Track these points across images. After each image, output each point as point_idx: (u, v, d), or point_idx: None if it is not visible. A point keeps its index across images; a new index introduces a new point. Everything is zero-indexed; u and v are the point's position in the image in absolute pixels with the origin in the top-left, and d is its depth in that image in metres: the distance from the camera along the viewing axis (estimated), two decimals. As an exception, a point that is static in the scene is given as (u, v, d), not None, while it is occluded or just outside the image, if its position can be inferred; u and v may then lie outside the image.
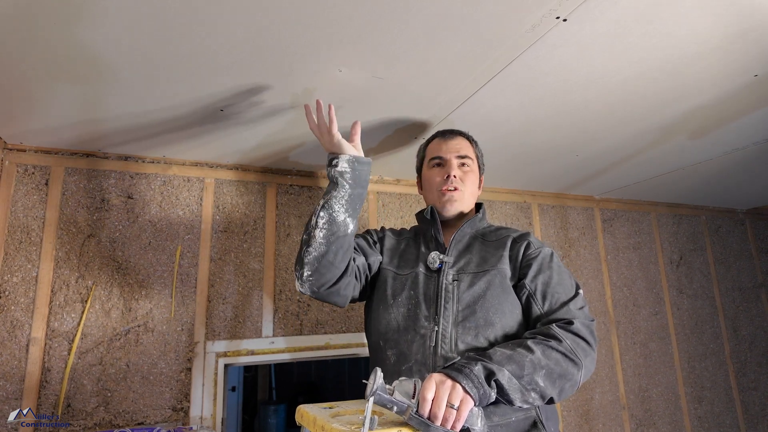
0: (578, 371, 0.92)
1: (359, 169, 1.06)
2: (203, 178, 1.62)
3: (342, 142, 1.06)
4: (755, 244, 2.73)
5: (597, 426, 2.02)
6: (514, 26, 0.92)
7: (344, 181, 1.04)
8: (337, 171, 1.04)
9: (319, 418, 0.86)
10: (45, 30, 0.89)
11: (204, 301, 1.54)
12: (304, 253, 1.05)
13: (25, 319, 1.35)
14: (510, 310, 1.03)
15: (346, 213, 1.04)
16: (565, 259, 2.15)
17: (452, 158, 1.18)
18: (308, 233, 1.06)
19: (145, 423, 1.40)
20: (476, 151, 1.24)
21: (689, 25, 0.95)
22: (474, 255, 1.11)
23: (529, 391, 0.87)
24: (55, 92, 1.12)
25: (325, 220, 1.03)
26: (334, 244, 1.03)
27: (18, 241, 1.38)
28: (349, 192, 1.04)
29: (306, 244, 1.05)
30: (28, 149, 1.43)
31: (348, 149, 1.07)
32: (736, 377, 2.43)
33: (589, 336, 0.96)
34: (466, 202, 1.18)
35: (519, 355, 0.88)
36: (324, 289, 1.07)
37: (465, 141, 1.22)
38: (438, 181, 1.18)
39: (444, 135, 1.23)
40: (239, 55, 0.99)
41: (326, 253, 1.03)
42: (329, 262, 1.04)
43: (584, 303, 1.04)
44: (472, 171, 1.21)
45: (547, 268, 1.06)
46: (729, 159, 1.78)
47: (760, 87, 1.22)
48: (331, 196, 1.04)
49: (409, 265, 1.15)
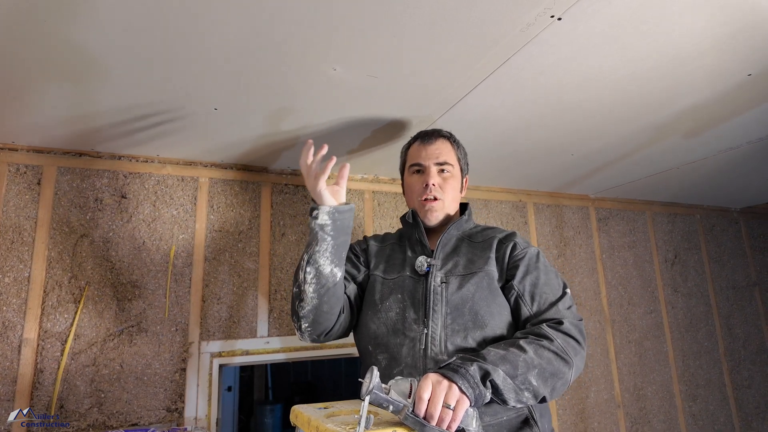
0: (569, 369, 0.93)
1: (340, 219, 1.04)
2: (197, 178, 1.61)
3: (324, 192, 1.05)
4: (749, 243, 2.74)
5: (592, 424, 2.03)
6: (509, 25, 0.92)
7: (325, 234, 1.03)
8: (317, 224, 1.03)
9: (314, 419, 0.86)
10: (37, 28, 0.88)
11: (198, 301, 1.53)
12: (298, 307, 1.06)
13: (17, 320, 1.33)
14: (498, 312, 1.03)
15: (332, 264, 1.04)
16: (560, 258, 2.15)
17: (431, 166, 1.16)
18: (298, 287, 1.06)
19: (140, 424, 1.39)
20: (458, 154, 1.21)
21: (683, 25, 0.95)
22: (461, 257, 1.11)
23: (522, 391, 0.87)
24: (47, 91, 1.11)
25: (313, 275, 1.03)
26: (325, 295, 1.04)
27: (10, 241, 1.37)
28: (332, 244, 1.04)
29: (298, 298, 1.06)
30: (20, 148, 1.41)
31: (328, 200, 1.05)
32: (730, 375, 2.44)
33: (579, 335, 0.98)
34: (447, 209, 1.17)
35: (512, 354, 0.88)
36: (323, 336, 1.10)
37: (446, 144, 1.20)
38: (418, 190, 1.17)
39: (423, 139, 1.20)
40: (232, 54, 0.98)
41: (319, 305, 1.05)
42: (324, 312, 1.06)
43: (572, 302, 1.06)
44: (453, 176, 1.18)
45: (534, 269, 1.07)
46: (723, 158, 1.79)
47: (754, 86, 1.22)
48: (314, 251, 1.03)
49: (395, 270, 1.14)
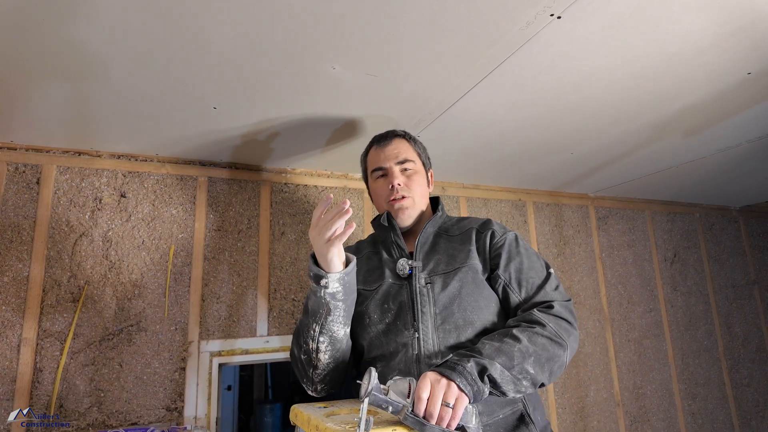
0: (564, 352, 0.94)
1: (349, 281, 0.98)
2: (196, 177, 1.61)
3: (335, 259, 0.94)
4: (748, 242, 2.75)
5: (592, 423, 2.03)
6: (509, 24, 0.92)
7: (337, 302, 0.97)
8: (328, 293, 0.95)
9: (314, 418, 0.86)
10: (36, 27, 0.88)
11: (198, 300, 1.53)
12: (312, 374, 1.02)
13: (16, 320, 1.33)
14: (486, 305, 1.03)
15: (345, 325, 1.01)
16: (559, 257, 2.16)
17: (392, 166, 1.15)
18: (307, 354, 1.01)
19: (139, 423, 1.39)
20: (416, 149, 1.21)
21: (683, 23, 0.95)
22: (442, 254, 1.10)
23: (520, 380, 0.88)
24: (46, 89, 1.10)
25: (327, 344, 0.99)
26: (340, 357, 1.02)
27: (8, 241, 1.37)
28: (343, 308, 0.99)
29: (310, 365, 1.01)
30: (19, 147, 1.41)
31: (337, 265, 0.95)
32: (729, 374, 2.44)
33: (570, 316, 0.99)
34: (418, 206, 1.16)
35: (507, 345, 0.89)
36: (338, 386, 1.08)
37: (402, 142, 1.19)
38: (385, 193, 1.16)
39: (379, 142, 1.20)
40: (232, 53, 0.98)
41: (335, 368, 1.03)
42: (340, 370, 1.04)
43: (557, 281, 1.06)
44: (417, 172, 1.17)
45: (516, 254, 1.07)
46: (722, 157, 1.79)
47: (754, 85, 1.22)
48: (327, 321, 0.98)
49: (375, 278, 1.12)
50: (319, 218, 0.94)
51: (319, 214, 0.94)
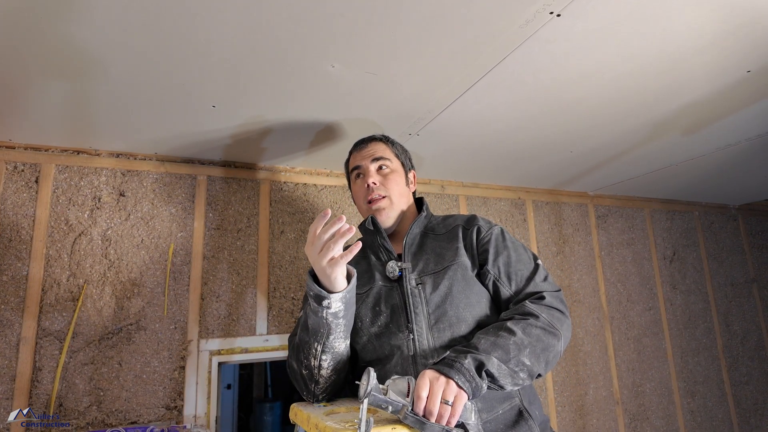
0: (558, 341, 0.95)
1: (350, 298, 0.95)
2: (195, 176, 1.60)
3: (339, 278, 0.91)
4: (747, 240, 2.75)
5: (591, 421, 2.03)
6: (508, 22, 0.92)
7: (339, 320, 0.95)
8: (330, 313, 0.92)
9: (313, 416, 0.86)
10: (34, 26, 0.87)
11: (197, 299, 1.53)
12: (315, 388, 1.01)
13: (15, 319, 1.33)
14: (477, 301, 1.03)
15: (346, 339, 1.00)
16: (559, 255, 2.16)
17: (367, 164, 1.17)
18: (308, 369, 0.99)
19: (139, 422, 1.39)
20: (394, 150, 1.22)
21: (682, 21, 0.95)
22: (430, 254, 1.10)
23: (517, 373, 0.88)
24: (45, 88, 1.10)
25: (329, 359, 0.98)
26: (341, 367, 1.01)
27: (7, 240, 1.36)
28: (344, 324, 0.97)
29: (312, 380, 1.00)
30: (18, 146, 1.41)
31: (341, 284, 0.92)
32: (728, 372, 2.45)
33: (561, 305, 1.00)
34: (397, 205, 1.16)
35: (503, 339, 0.89)
36: (339, 393, 1.07)
37: (379, 144, 1.21)
38: (362, 194, 1.17)
39: (358, 145, 1.23)
40: (231, 51, 0.98)
41: (336, 378, 1.02)
42: (341, 380, 1.04)
43: (546, 272, 1.07)
44: (393, 171, 1.18)
45: (504, 248, 1.07)
46: (722, 155, 1.79)
47: (753, 83, 1.22)
48: (329, 340, 0.96)
49: (365, 282, 1.11)
50: (317, 235, 0.88)
51: (316, 231, 0.88)
